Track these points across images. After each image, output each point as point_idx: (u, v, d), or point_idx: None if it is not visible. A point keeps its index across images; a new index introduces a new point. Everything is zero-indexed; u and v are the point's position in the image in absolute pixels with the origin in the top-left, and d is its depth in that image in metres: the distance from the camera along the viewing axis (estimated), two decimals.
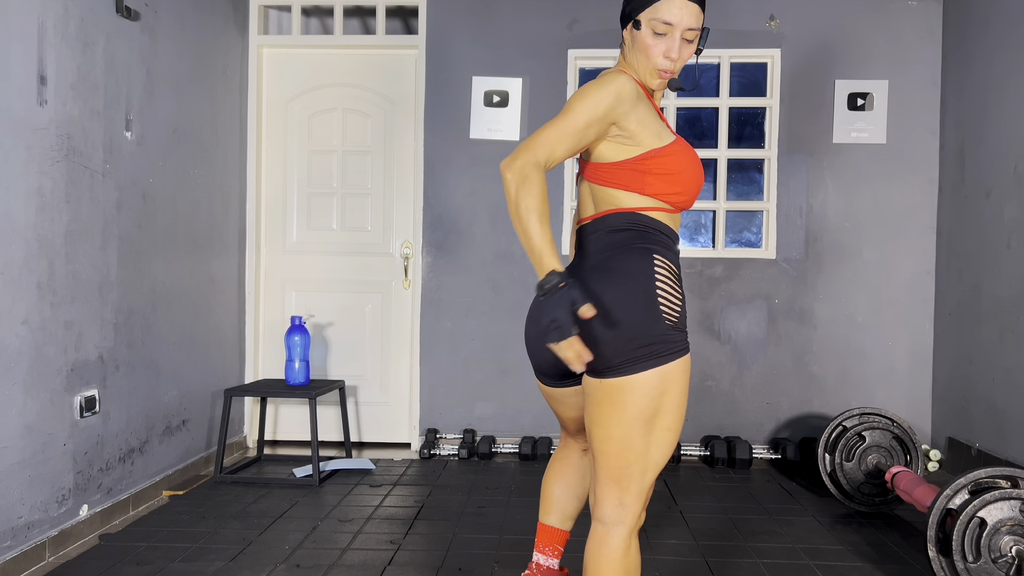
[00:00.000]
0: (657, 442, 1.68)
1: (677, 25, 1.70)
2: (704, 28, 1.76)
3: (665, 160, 1.73)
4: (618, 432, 1.67)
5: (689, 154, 1.76)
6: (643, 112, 1.73)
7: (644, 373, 1.64)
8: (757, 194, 4.45)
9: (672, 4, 1.69)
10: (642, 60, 1.75)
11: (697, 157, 1.79)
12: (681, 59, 1.74)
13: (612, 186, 1.75)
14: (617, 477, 1.69)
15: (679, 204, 1.76)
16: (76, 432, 2.95)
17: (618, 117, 1.69)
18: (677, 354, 1.67)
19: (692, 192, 1.76)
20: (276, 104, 4.56)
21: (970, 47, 4.02)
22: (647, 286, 1.67)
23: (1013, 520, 2.36)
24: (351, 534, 3.07)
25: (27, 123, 2.68)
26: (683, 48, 1.73)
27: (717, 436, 4.37)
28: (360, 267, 4.55)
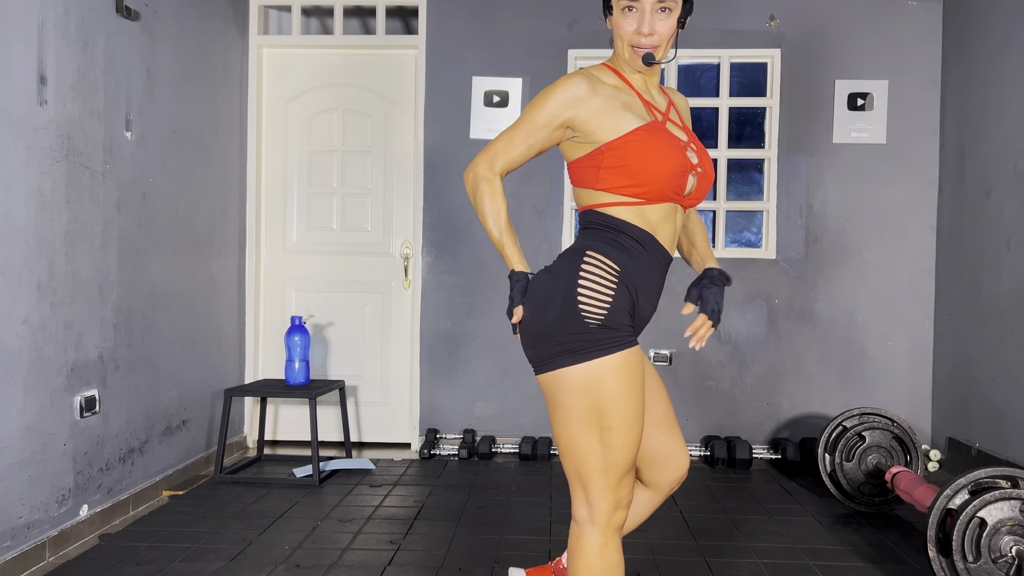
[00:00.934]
0: (606, 441, 1.64)
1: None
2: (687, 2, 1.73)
3: (617, 152, 1.69)
4: (562, 430, 1.67)
5: (651, 143, 1.68)
6: (601, 106, 1.70)
7: (563, 370, 1.64)
8: (757, 194, 4.45)
9: None
10: (619, 42, 1.74)
11: (668, 144, 1.69)
12: (658, 33, 1.69)
13: (576, 184, 1.78)
14: (578, 476, 1.68)
15: (643, 196, 1.70)
16: (76, 432, 2.95)
17: (567, 120, 1.71)
18: (604, 351, 1.63)
19: (653, 182, 1.68)
20: (276, 104, 4.56)
21: (970, 47, 4.02)
22: (568, 286, 1.66)
23: (1013, 520, 2.36)
24: (351, 534, 3.07)
25: (27, 123, 2.68)
26: (657, 21, 1.69)
27: (717, 436, 4.37)
28: (360, 267, 4.55)
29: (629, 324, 1.69)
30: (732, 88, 4.42)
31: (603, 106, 1.70)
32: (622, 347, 1.65)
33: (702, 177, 1.76)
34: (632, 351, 1.67)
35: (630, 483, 1.70)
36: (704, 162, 1.78)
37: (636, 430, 1.66)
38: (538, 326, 1.67)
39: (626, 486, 1.69)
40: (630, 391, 1.65)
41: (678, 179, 1.71)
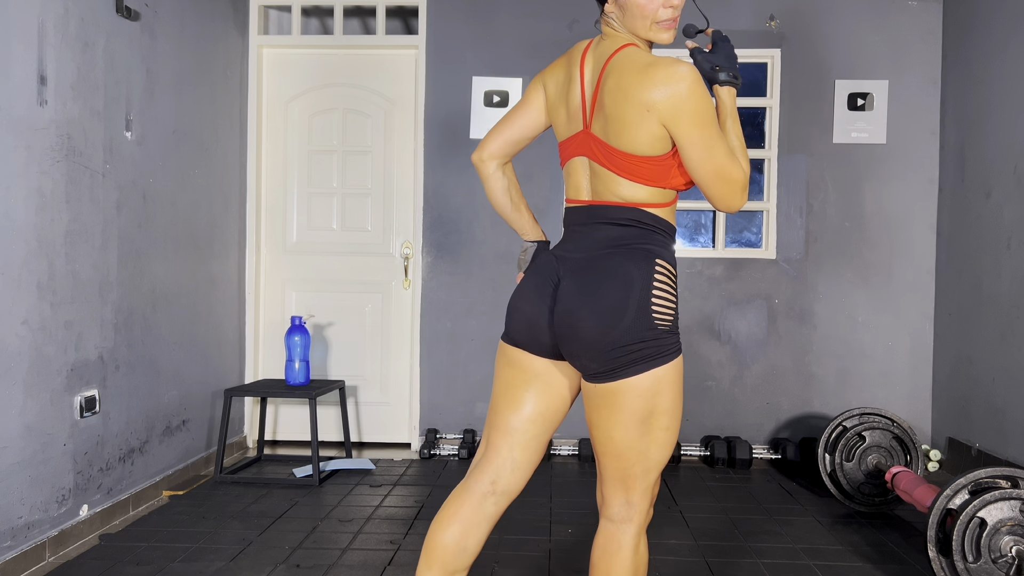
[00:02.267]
0: (656, 441, 1.66)
1: None
2: None
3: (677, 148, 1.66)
4: (617, 435, 1.66)
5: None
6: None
7: (636, 377, 1.62)
8: (757, 194, 4.45)
9: None
10: (639, 22, 1.64)
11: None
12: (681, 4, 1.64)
13: (628, 177, 1.65)
14: (621, 477, 1.69)
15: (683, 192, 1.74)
16: (76, 432, 2.95)
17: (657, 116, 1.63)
18: (669, 356, 1.64)
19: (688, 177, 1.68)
20: (276, 104, 4.56)
21: (970, 47, 4.02)
22: (642, 295, 1.62)
23: (1013, 520, 2.36)
24: (351, 534, 3.07)
25: (27, 123, 2.68)
26: None
27: (717, 436, 4.37)
28: (360, 267, 4.55)
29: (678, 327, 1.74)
30: None
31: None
32: (680, 350, 1.69)
33: None
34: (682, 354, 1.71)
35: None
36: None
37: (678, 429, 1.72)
38: (611, 337, 1.61)
39: (659, 483, 1.76)
40: (681, 393, 1.70)
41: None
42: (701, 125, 1.56)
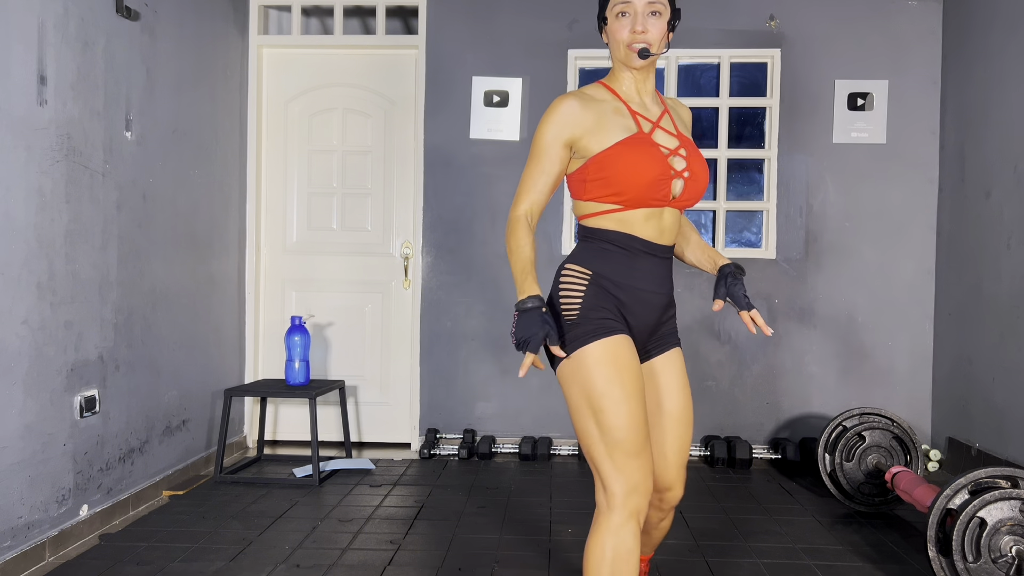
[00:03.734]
0: (601, 424, 1.75)
1: (635, 3, 1.84)
2: (675, 8, 1.89)
3: (600, 164, 1.82)
4: (573, 420, 1.82)
5: (630, 155, 1.80)
6: (592, 121, 1.84)
7: (560, 366, 1.83)
8: (757, 194, 4.45)
9: None
10: (615, 47, 1.88)
11: (648, 154, 1.81)
12: (650, 32, 1.83)
13: (572, 196, 1.95)
14: (591, 461, 1.79)
15: (623, 203, 1.84)
16: (76, 432, 2.95)
17: (567, 139, 1.85)
18: (584, 342, 1.79)
19: (632, 190, 1.81)
20: (276, 104, 4.56)
21: (970, 47, 4.02)
22: (553, 297, 1.90)
23: (1013, 520, 2.36)
24: (351, 534, 3.07)
25: (27, 123, 2.68)
26: (649, 21, 1.84)
27: (717, 436, 4.37)
28: (360, 267, 4.55)
29: (608, 317, 1.82)
30: (732, 88, 4.42)
31: (594, 121, 1.84)
32: (599, 336, 1.79)
33: (689, 181, 1.86)
34: (612, 339, 1.79)
35: (642, 468, 1.74)
36: (694, 166, 1.87)
37: (626, 409, 1.74)
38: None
39: (638, 470, 1.74)
40: (612, 373, 1.76)
41: (658, 186, 1.83)
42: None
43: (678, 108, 2.04)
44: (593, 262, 1.86)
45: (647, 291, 1.87)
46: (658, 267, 1.88)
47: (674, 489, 1.94)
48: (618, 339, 1.80)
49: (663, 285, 1.90)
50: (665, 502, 1.97)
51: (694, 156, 1.89)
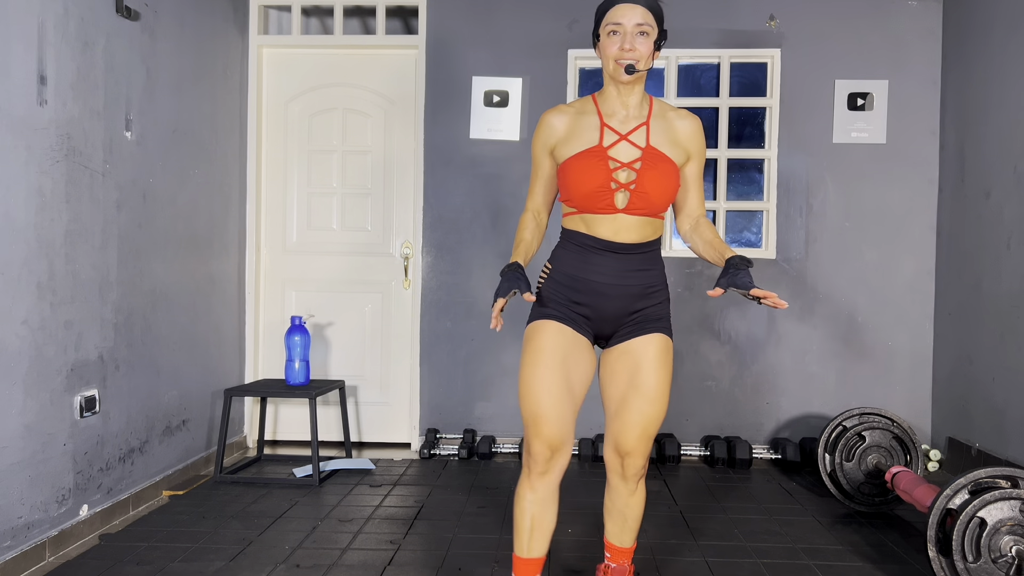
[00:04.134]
0: (521, 395, 2.10)
1: (625, 24, 2.02)
2: (663, 30, 2.08)
3: (563, 171, 2.10)
4: None
5: (576, 167, 2.06)
6: (565, 134, 2.12)
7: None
8: (757, 194, 4.45)
9: (616, 9, 2.04)
10: (605, 62, 2.07)
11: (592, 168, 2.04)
12: (638, 50, 2.02)
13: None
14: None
15: (577, 208, 2.11)
16: (76, 432, 2.95)
17: (549, 148, 2.16)
18: (529, 320, 2.17)
19: (576, 199, 2.08)
20: (276, 104, 4.56)
21: (970, 47, 4.02)
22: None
23: (1013, 520, 2.36)
24: (351, 534, 3.07)
25: (27, 123, 2.68)
26: (637, 40, 2.03)
27: (717, 436, 4.37)
28: (360, 267, 4.55)
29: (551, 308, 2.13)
30: (732, 88, 4.42)
31: (567, 133, 2.12)
32: (537, 319, 2.14)
33: (635, 194, 2.05)
34: (543, 322, 2.11)
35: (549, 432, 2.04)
36: (644, 180, 2.05)
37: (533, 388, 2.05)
38: None
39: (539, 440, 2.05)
40: (537, 354, 2.07)
41: (599, 196, 2.05)
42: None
43: (672, 120, 2.15)
44: (556, 259, 2.17)
45: (604, 283, 2.10)
46: (618, 262, 2.09)
47: (634, 456, 2.12)
48: (549, 324, 2.10)
49: (626, 278, 2.10)
50: (627, 468, 2.15)
51: (651, 170, 2.05)
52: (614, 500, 2.24)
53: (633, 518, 2.25)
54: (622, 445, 2.12)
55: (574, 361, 2.09)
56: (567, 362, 2.07)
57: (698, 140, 2.17)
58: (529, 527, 2.11)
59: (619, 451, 2.13)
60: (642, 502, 2.24)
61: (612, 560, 2.34)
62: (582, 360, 2.12)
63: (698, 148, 2.17)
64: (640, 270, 2.12)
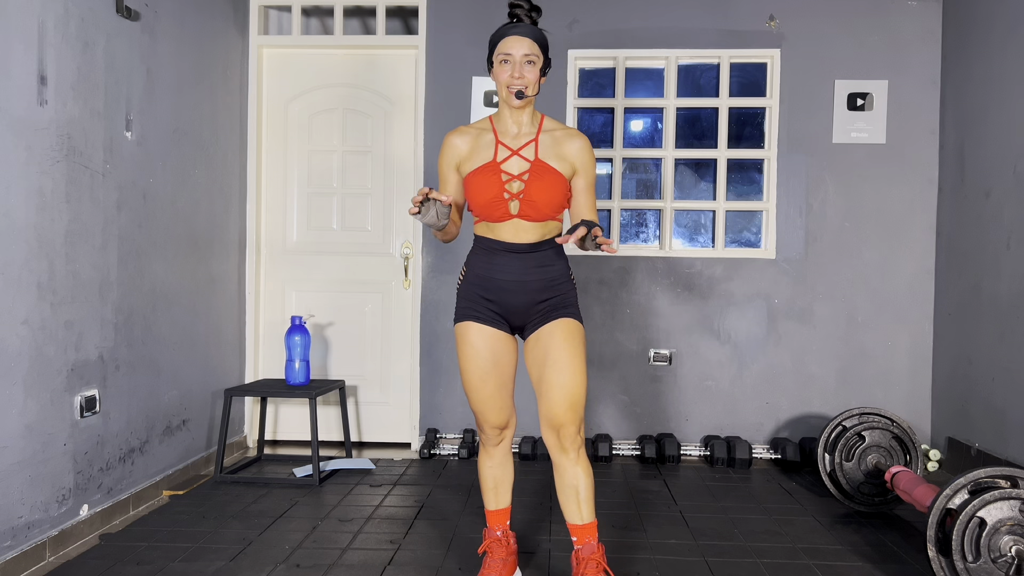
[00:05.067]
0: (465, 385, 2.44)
1: (515, 54, 2.28)
2: (547, 58, 2.35)
3: (466, 184, 2.37)
4: None
5: (473, 182, 2.32)
6: (466, 152, 2.39)
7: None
8: (757, 194, 4.45)
9: (507, 41, 2.30)
10: (499, 87, 2.33)
11: (486, 182, 2.30)
12: (525, 77, 2.28)
13: None
14: None
15: (479, 216, 2.38)
16: (76, 432, 2.95)
17: (455, 165, 2.42)
18: (455, 320, 2.47)
19: (477, 207, 2.35)
20: (276, 104, 4.56)
21: (970, 47, 4.02)
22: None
23: (1013, 520, 2.36)
24: (351, 534, 3.07)
25: (27, 123, 2.68)
26: (525, 68, 2.29)
27: (717, 436, 4.37)
28: (360, 267, 4.55)
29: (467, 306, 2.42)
30: (732, 88, 4.42)
31: (468, 152, 2.39)
32: (460, 320, 2.44)
33: (524, 202, 2.30)
34: (467, 324, 2.40)
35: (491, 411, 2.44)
36: (531, 190, 2.29)
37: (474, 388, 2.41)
38: None
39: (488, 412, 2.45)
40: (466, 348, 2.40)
41: (495, 205, 2.32)
42: None
43: (560, 138, 2.38)
44: (469, 264, 2.46)
45: (508, 280, 2.37)
46: (519, 260, 2.36)
47: (567, 425, 2.30)
48: (473, 326, 2.40)
49: (527, 274, 2.36)
50: (563, 439, 2.32)
51: (537, 181, 2.30)
52: (562, 476, 2.35)
53: (584, 488, 2.34)
54: (553, 419, 2.30)
55: (499, 354, 2.40)
56: (494, 357, 2.38)
57: (583, 155, 2.37)
58: (493, 486, 2.57)
59: (552, 425, 2.31)
60: (588, 471, 2.35)
61: (579, 542, 2.36)
62: (506, 351, 2.42)
63: (583, 162, 2.37)
64: (540, 266, 2.37)
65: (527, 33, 2.30)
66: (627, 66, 4.47)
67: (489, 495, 2.58)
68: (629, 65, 4.47)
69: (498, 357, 2.40)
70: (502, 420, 2.46)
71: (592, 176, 2.41)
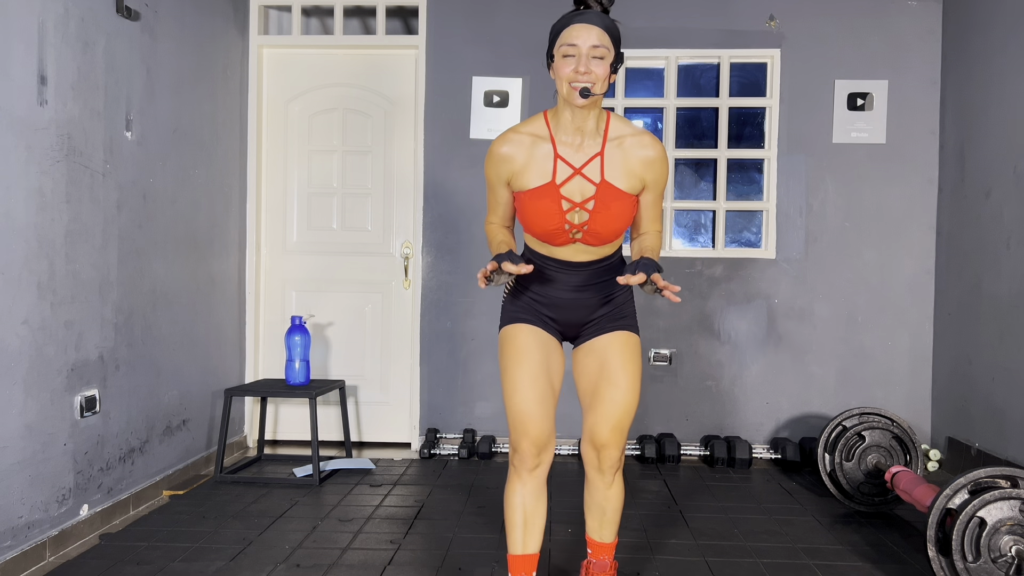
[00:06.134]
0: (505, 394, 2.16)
1: (581, 45, 1.96)
2: (619, 52, 2.03)
3: (519, 202, 2.12)
4: None
5: (530, 207, 2.08)
6: (520, 164, 2.09)
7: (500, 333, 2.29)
8: (757, 194, 4.45)
9: (572, 30, 1.98)
10: (560, 84, 2.02)
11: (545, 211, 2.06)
12: (593, 73, 1.97)
13: None
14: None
15: (536, 236, 2.14)
16: (76, 432, 2.95)
17: (505, 178, 2.14)
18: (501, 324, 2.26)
19: (535, 233, 2.12)
20: (276, 104, 4.56)
21: (970, 47, 4.02)
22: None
23: (1013, 520, 2.36)
24: (351, 534, 3.07)
25: (27, 123, 2.68)
26: (592, 63, 1.97)
27: (717, 436, 4.37)
28: (360, 267, 4.55)
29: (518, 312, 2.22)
30: (732, 88, 4.42)
31: (522, 164, 2.09)
32: (509, 323, 2.22)
33: (588, 233, 2.09)
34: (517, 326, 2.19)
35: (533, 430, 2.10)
36: (596, 220, 2.07)
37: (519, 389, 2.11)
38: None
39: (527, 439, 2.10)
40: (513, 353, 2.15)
41: (555, 235, 2.10)
42: None
43: (630, 149, 2.09)
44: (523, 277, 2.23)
45: (563, 297, 2.20)
46: (576, 277, 2.19)
47: (609, 448, 2.14)
48: (520, 327, 2.19)
49: (584, 291, 2.20)
50: (603, 460, 2.17)
51: (604, 208, 2.06)
52: (592, 494, 2.25)
53: (612, 511, 2.25)
54: (597, 438, 2.15)
55: (551, 360, 2.18)
56: (546, 361, 2.16)
57: (656, 171, 2.11)
58: (522, 522, 2.15)
59: (594, 444, 2.16)
60: (620, 495, 2.25)
61: (593, 556, 2.35)
62: (556, 358, 2.21)
63: (655, 178, 2.12)
64: (598, 282, 2.21)
65: (596, 21, 1.98)
66: (627, 66, 4.47)
67: (516, 533, 2.16)
68: (629, 65, 4.47)
69: (550, 360, 2.18)
70: (544, 434, 2.12)
71: (662, 189, 2.16)
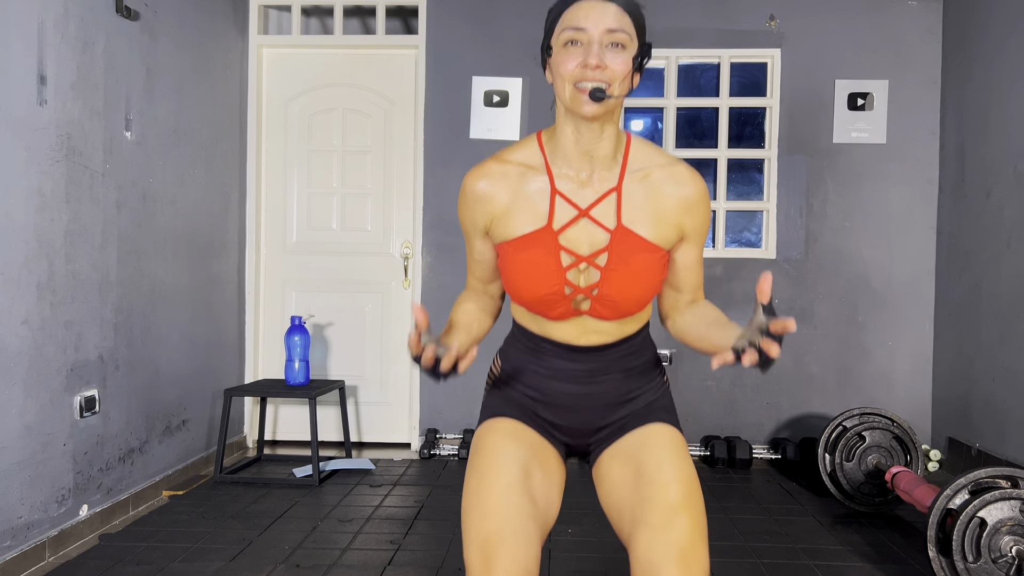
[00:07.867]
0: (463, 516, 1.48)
1: (591, 29, 1.33)
2: (644, 44, 1.39)
3: (501, 257, 1.48)
4: None
5: (515, 263, 1.43)
6: (503, 205, 1.45)
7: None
8: (757, 194, 4.45)
9: (579, 7, 1.35)
10: (559, 85, 1.38)
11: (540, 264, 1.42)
12: (609, 69, 1.33)
13: None
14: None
15: (525, 305, 1.48)
16: (76, 432, 2.95)
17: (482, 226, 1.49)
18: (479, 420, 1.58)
19: (525, 295, 1.45)
20: (276, 104, 4.56)
21: (970, 47, 4.02)
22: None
23: (1013, 520, 2.36)
24: (351, 534, 3.07)
25: (27, 123, 2.68)
26: (607, 54, 1.33)
27: (717, 436, 4.37)
28: (360, 267, 4.55)
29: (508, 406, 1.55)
30: (732, 88, 4.42)
31: (505, 205, 1.45)
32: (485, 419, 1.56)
33: (597, 300, 1.44)
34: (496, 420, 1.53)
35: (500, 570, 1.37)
36: (609, 284, 1.42)
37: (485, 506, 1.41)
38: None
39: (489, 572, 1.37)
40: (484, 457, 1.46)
41: (550, 304, 1.44)
42: None
43: (660, 184, 1.44)
44: (507, 357, 1.60)
45: (566, 393, 1.53)
46: (584, 365, 1.52)
47: None
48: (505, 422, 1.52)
49: (595, 385, 1.52)
50: None
51: (621, 264, 1.41)
52: None
53: None
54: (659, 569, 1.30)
55: (540, 473, 1.46)
56: (530, 473, 1.43)
57: (697, 216, 1.46)
58: None
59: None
60: None
61: None
62: (550, 469, 1.49)
63: (695, 226, 1.47)
64: (616, 372, 1.53)
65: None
66: None
67: None
68: None
69: (536, 475, 1.45)
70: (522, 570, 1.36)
71: (703, 243, 1.52)
